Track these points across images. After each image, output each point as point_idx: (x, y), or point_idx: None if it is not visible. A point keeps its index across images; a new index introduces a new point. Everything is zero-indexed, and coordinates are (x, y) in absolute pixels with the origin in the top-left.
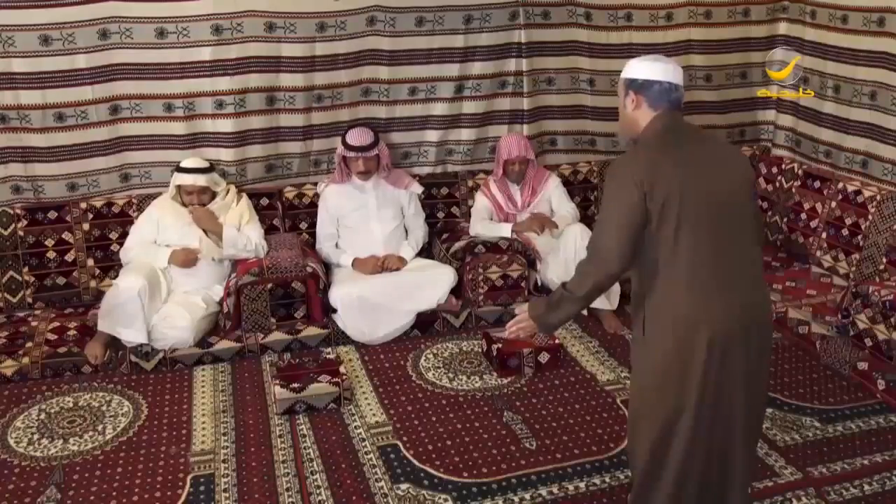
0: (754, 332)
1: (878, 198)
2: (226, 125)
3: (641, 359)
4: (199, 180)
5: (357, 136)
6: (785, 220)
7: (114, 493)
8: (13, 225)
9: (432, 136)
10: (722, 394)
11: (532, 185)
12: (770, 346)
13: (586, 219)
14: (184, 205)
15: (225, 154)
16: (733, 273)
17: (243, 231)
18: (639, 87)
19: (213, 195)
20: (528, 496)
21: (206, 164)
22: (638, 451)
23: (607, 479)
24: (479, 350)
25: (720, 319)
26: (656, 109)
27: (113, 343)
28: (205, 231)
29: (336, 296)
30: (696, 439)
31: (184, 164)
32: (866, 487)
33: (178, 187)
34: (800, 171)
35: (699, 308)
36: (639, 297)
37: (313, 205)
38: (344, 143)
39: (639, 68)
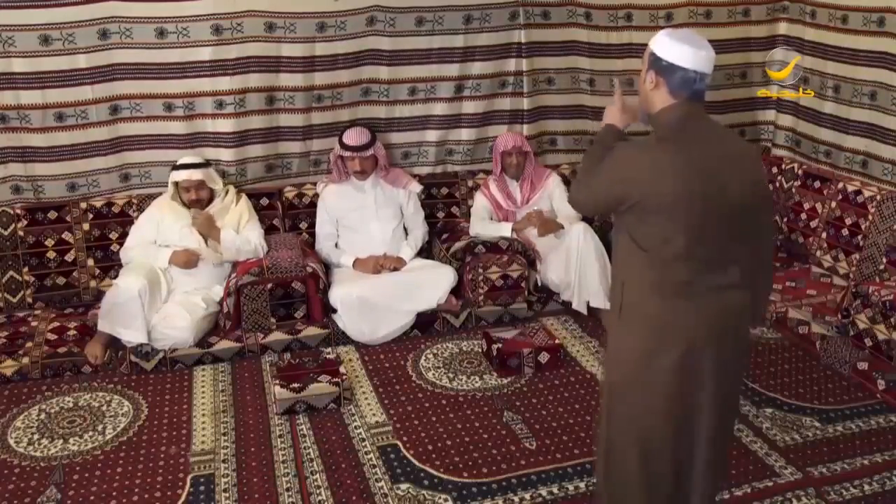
0: (730, 336)
1: (878, 198)
2: (226, 125)
3: (612, 361)
4: (195, 174)
5: (353, 136)
6: (785, 220)
7: (114, 493)
8: (13, 225)
9: (432, 136)
10: (692, 397)
11: (531, 181)
12: (746, 348)
13: (586, 218)
14: (184, 204)
15: (225, 154)
16: (716, 276)
17: (242, 232)
18: (662, 68)
19: (212, 193)
20: (528, 496)
21: (200, 160)
22: (608, 458)
23: None
24: (479, 350)
25: (694, 323)
26: (675, 97)
27: (113, 343)
28: (203, 236)
29: (336, 296)
30: (664, 441)
31: (178, 162)
32: (866, 487)
33: (176, 185)
34: (800, 171)
35: (676, 311)
36: (617, 296)
37: (313, 205)
38: (340, 142)
39: (667, 47)
